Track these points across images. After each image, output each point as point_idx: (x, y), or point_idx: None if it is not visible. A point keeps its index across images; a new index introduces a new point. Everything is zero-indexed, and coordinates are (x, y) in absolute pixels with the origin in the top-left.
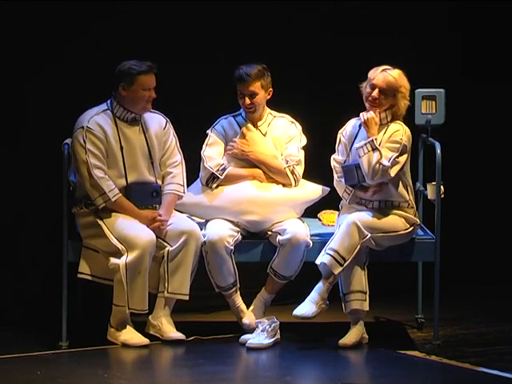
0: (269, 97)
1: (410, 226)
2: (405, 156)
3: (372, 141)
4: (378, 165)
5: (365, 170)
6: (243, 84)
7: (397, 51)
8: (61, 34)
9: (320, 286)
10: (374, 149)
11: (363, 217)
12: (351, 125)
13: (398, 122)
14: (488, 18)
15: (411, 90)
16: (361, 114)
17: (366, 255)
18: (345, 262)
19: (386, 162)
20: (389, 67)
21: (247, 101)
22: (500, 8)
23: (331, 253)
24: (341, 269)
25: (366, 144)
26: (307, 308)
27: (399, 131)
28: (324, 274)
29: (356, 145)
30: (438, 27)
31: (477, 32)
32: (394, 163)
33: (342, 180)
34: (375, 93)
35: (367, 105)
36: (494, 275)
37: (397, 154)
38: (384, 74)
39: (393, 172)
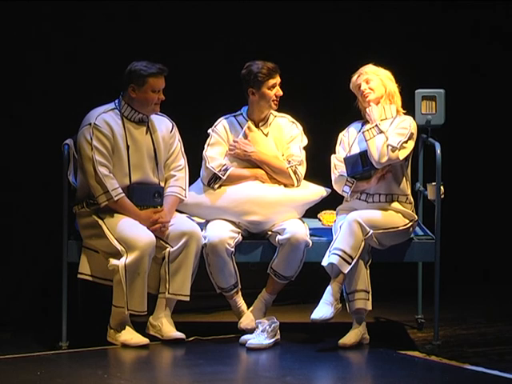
0: None
1: (409, 222)
2: (412, 143)
3: (376, 125)
4: (385, 146)
5: (372, 152)
6: (275, 76)
7: (398, 51)
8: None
9: (331, 288)
10: (380, 132)
11: (363, 214)
12: (353, 127)
13: (404, 115)
14: (490, 19)
15: (411, 90)
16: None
17: (369, 254)
18: (352, 260)
19: (394, 144)
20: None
21: (281, 91)
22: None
23: (338, 252)
24: (349, 267)
25: (371, 128)
26: (324, 310)
27: (406, 121)
28: (332, 274)
29: (362, 130)
30: (438, 27)
31: (478, 32)
32: (402, 147)
33: (344, 174)
34: (363, 86)
35: (366, 104)
36: (494, 275)
37: (405, 139)
38: (360, 74)
39: (401, 155)
